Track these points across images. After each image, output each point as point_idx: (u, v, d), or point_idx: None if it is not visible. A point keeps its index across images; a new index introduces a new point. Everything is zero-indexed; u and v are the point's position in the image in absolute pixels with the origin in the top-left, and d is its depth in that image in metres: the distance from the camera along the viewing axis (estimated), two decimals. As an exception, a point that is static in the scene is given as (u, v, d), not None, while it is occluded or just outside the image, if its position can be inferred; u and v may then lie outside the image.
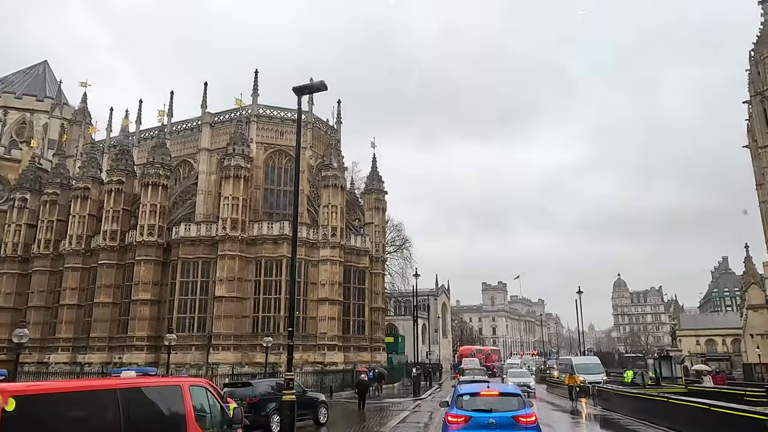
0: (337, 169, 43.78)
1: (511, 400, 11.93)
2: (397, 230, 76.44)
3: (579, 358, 36.16)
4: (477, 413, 11.45)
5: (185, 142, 49.36)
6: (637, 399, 18.25)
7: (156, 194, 42.68)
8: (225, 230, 40.26)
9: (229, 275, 39.69)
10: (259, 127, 46.67)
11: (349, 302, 43.76)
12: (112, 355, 41.72)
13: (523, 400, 12.03)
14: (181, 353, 39.29)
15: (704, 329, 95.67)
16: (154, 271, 41.85)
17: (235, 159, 41.47)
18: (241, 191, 41.12)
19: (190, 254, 41.35)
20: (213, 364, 38.07)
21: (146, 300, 41.05)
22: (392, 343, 64.00)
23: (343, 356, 41.25)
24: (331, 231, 42.64)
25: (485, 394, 12.13)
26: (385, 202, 50.42)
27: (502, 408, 11.62)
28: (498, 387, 13.36)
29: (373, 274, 47.75)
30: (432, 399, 34.48)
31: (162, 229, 42.69)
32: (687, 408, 16.01)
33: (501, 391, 12.56)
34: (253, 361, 38.90)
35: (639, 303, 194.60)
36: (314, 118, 48.63)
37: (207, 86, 48.94)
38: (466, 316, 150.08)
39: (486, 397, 12.02)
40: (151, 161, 43.41)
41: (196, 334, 39.83)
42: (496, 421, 11.19)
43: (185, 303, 40.56)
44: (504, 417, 11.28)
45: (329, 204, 43.21)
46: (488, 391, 12.34)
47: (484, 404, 11.81)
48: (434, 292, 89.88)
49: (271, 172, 46.70)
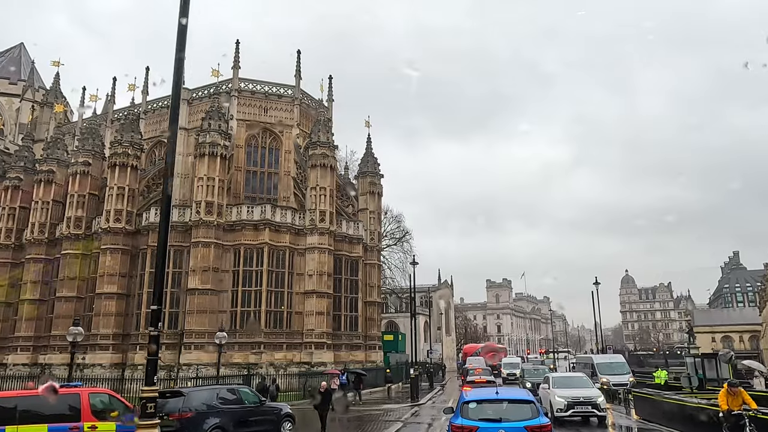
0: (326, 146, 39.23)
1: (524, 408, 10.68)
2: (396, 221, 72.09)
3: (601, 357, 31.58)
4: (485, 423, 10.29)
5: (161, 121, 44.94)
6: (702, 411, 13.56)
7: (124, 176, 38.24)
8: (199, 214, 35.76)
9: (204, 265, 35.20)
10: (240, 102, 42.16)
11: (339, 295, 39.27)
12: (76, 355, 37.22)
13: (536, 408, 10.77)
14: (150, 353, 34.79)
15: (720, 325, 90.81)
16: (122, 262, 37.41)
17: (210, 135, 36.96)
18: (218, 171, 36.61)
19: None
20: (184, 365, 33.63)
21: (112, 294, 36.65)
22: (392, 341, 59.50)
23: (333, 355, 36.74)
24: (320, 216, 38.12)
25: (494, 401, 10.99)
26: (381, 186, 45.92)
27: (512, 417, 10.41)
28: (507, 393, 11.93)
29: (367, 265, 43.24)
30: (433, 404, 29.96)
31: (131, 215, 38.26)
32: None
33: (511, 398, 11.28)
34: (230, 361, 34.40)
35: (647, 299, 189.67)
36: (302, 93, 44.10)
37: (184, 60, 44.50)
38: (470, 314, 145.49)
39: (495, 405, 10.87)
40: (119, 140, 38.98)
41: (167, 332, 35.24)
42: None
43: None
44: (515, 427, 10.14)
45: (317, 186, 38.69)
46: (497, 397, 11.09)
47: (493, 412, 10.60)
48: (437, 287, 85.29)
49: (253, 152, 42.16)
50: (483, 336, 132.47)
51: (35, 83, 60.23)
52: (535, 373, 32.49)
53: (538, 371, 32.93)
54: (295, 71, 43.93)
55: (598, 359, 30.68)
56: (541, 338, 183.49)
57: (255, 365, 34.36)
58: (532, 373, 33.84)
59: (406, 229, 71.92)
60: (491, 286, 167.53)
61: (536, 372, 33.09)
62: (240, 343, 34.99)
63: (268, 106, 42.76)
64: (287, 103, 43.16)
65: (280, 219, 37.47)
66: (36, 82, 61.29)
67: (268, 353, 35.07)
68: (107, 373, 34.19)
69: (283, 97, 43.24)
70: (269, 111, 42.68)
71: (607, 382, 28.28)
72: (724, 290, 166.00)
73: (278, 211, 37.66)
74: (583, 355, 38.67)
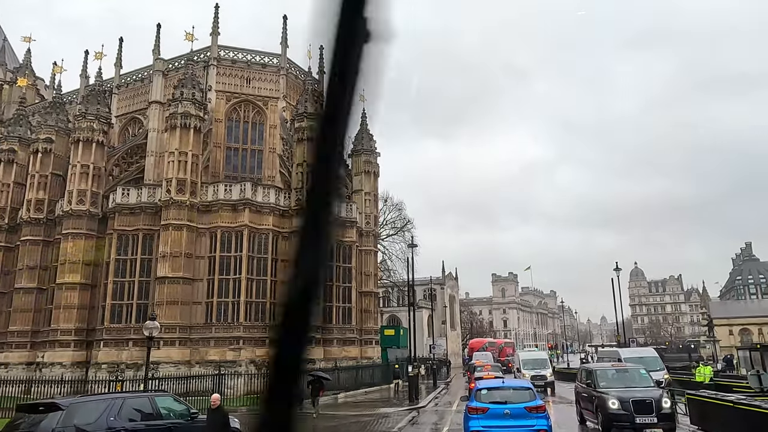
0: (314, 118, 34.89)
1: (524, 393, 13.32)
2: (397, 210, 67.90)
3: (630, 351, 27.22)
4: (494, 405, 12.75)
5: (135, 95, 40.91)
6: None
7: (89, 153, 34.16)
8: (169, 194, 31.66)
9: (175, 250, 31.12)
10: (220, 72, 38.05)
11: (331, 284, 35.07)
12: (35, 353, 33.34)
13: (534, 393, 13.39)
14: (116, 350, 30.91)
15: (737, 318, 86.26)
16: (86, 248, 33.35)
17: (183, 105, 32.83)
18: (191, 145, 32.49)
19: (129, 225, 32.82)
20: (152, 363, 29.51)
21: (74, 284, 32.62)
22: (392, 336, 55.28)
23: (322, 351, 32.65)
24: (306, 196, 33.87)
25: (501, 388, 13.71)
26: (377, 166, 41.69)
27: (515, 400, 12.94)
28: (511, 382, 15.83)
29: (363, 252, 39.08)
30: (436, 407, 25.86)
31: (97, 197, 34.20)
32: None
33: (514, 386, 14.23)
34: (205, 359, 30.40)
35: (657, 292, 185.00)
36: (288, 63, 39.92)
37: (160, 28, 40.46)
38: (476, 309, 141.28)
39: (502, 391, 13.55)
40: (84, 113, 34.90)
41: (134, 326, 31.28)
42: (511, 411, 12.46)
43: (122, 287, 32.07)
44: (517, 408, 12.59)
45: (304, 162, 34.44)
46: (503, 386, 14.02)
47: (500, 397, 13.19)
48: (441, 280, 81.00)
49: (234, 127, 38.07)
50: (489, 331, 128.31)
51: (8, 63, 56.15)
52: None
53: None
54: (281, 38, 39.83)
55: (626, 353, 26.42)
56: (548, 333, 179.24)
57: (234, 363, 30.32)
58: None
59: (407, 218, 67.65)
60: (497, 280, 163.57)
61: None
62: (216, 338, 30.96)
63: (251, 76, 38.63)
64: (272, 73, 39.02)
65: (262, 199, 33.36)
66: (11, 62, 57.23)
67: (248, 349, 31.00)
68: (68, 373, 30.23)
69: (268, 66, 39.09)
70: (252, 82, 38.56)
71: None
72: (737, 282, 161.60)
73: (260, 190, 33.55)
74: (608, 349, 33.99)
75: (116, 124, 41.04)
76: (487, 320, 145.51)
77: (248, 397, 26.03)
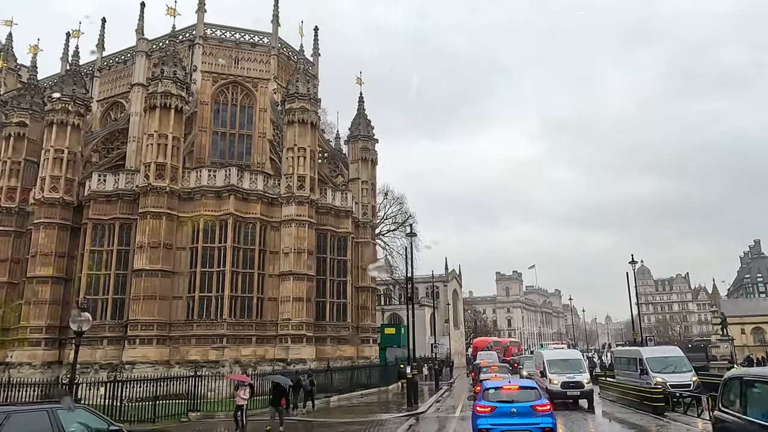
0: (305, 99, 32.42)
1: (529, 392, 13.52)
2: (398, 203, 65.11)
3: (651, 350, 24.56)
4: (501, 404, 12.96)
5: (117, 78, 38.52)
6: None
7: (63, 136, 31.66)
8: (148, 179, 29.12)
9: (153, 240, 28.56)
10: (206, 52, 35.58)
11: (324, 278, 32.52)
12: (5, 351, 30.85)
13: (539, 392, 13.66)
14: (89, 348, 28.25)
15: (750, 316, 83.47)
16: (59, 239, 30.85)
17: (163, 84, 30.29)
18: (172, 127, 29.92)
19: (105, 214, 30.31)
20: (127, 363, 27.04)
21: (46, 277, 30.10)
22: (393, 335, 52.60)
23: (314, 351, 30.07)
24: (298, 182, 31.37)
25: (507, 388, 13.82)
26: (375, 153, 39.04)
27: (521, 399, 13.15)
28: (518, 382, 15.89)
29: (359, 244, 36.48)
30: (437, 413, 23.24)
31: (72, 184, 31.71)
32: None
33: (520, 385, 14.40)
34: (186, 358, 27.83)
35: (664, 291, 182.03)
36: (280, 43, 37.37)
37: (144, 7, 37.99)
38: (480, 308, 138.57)
39: (508, 391, 13.63)
40: (59, 93, 32.41)
41: (109, 323, 28.83)
42: (517, 410, 12.66)
43: (97, 280, 29.56)
44: (523, 406, 12.79)
45: (295, 146, 31.91)
46: (509, 385, 14.16)
47: (506, 396, 13.34)
48: (444, 277, 78.31)
49: (222, 110, 35.58)
50: (493, 330, 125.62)
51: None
52: None
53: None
54: (273, 16, 37.31)
55: (647, 352, 23.77)
56: (553, 332, 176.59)
57: (216, 363, 27.77)
58: None
59: (409, 212, 64.90)
60: (501, 278, 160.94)
61: None
62: (198, 336, 28.39)
63: (239, 56, 36.15)
64: (263, 53, 36.49)
65: (249, 185, 30.80)
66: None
67: (232, 348, 28.43)
68: (38, 374, 27.74)
69: (258, 46, 36.56)
70: (241, 62, 36.08)
71: (663, 383, 21.52)
72: (745, 280, 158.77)
73: (246, 176, 30.99)
74: (626, 348, 30.85)
75: (98, 108, 38.67)
76: (491, 319, 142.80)
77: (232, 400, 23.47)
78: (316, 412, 23.01)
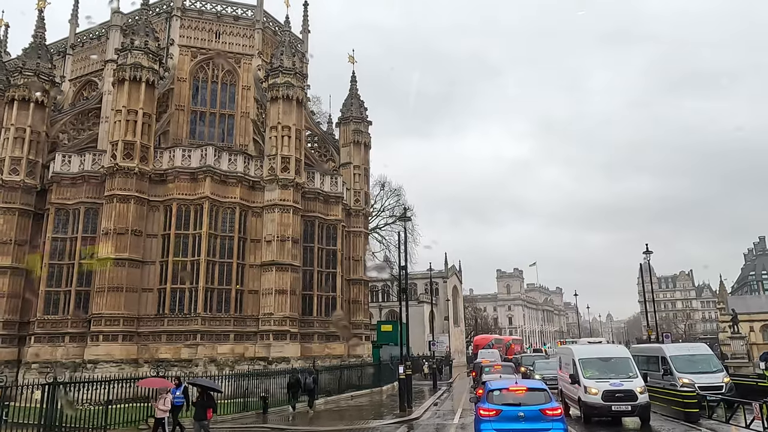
0: (290, 73, 29.64)
1: (538, 394, 12.28)
2: (395, 195, 62.34)
3: (675, 347, 21.69)
4: (507, 407, 11.89)
5: (90, 56, 35.69)
6: None
7: (25, 114, 28.89)
8: (115, 159, 26.35)
9: (120, 226, 25.80)
10: (184, 24, 32.80)
11: (311, 270, 29.77)
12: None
13: (548, 394, 12.33)
14: (50, 346, 25.68)
15: (758, 313, 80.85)
16: (19, 226, 28.08)
17: (133, 55, 27.54)
18: (142, 102, 27.14)
19: (70, 198, 27.59)
20: (89, 362, 24.28)
21: (5, 268, 27.34)
22: (390, 332, 49.73)
23: (299, 348, 27.32)
24: (282, 163, 28.62)
25: (514, 389, 12.51)
26: (368, 136, 36.26)
27: (529, 402, 11.97)
28: (525, 383, 14.12)
29: (351, 233, 33.72)
30: (434, 418, 20.47)
31: (35, 166, 28.94)
32: None
33: (529, 387, 12.94)
34: (155, 357, 25.09)
35: (668, 288, 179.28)
36: (266, 17, 34.59)
37: (120, -22, 35.11)
38: (480, 305, 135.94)
39: (515, 393, 12.33)
40: (21, 68, 29.66)
41: (72, 318, 26.09)
42: (525, 414, 11.61)
43: (59, 271, 26.83)
44: (532, 410, 11.69)
45: (279, 124, 29.15)
46: (516, 386, 12.77)
47: (513, 399, 12.13)
48: (443, 273, 75.53)
49: (201, 87, 32.81)
50: (494, 328, 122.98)
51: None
52: None
53: None
54: (256, -14, 34.51)
55: (671, 350, 20.96)
56: (554, 330, 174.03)
57: (189, 362, 25.05)
58: None
59: (407, 205, 62.09)
60: (502, 276, 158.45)
61: None
62: (169, 332, 25.65)
63: (220, 29, 33.37)
64: (246, 26, 33.72)
65: (228, 167, 28.04)
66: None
67: (207, 345, 25.69)
68: (-7, 374, 24.99)
69: (241, 19, 33.79)
70: (223, 36, 33.31)
71: (690, 384, 18.77)
72: (750, 277, 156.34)
73: (225, 156, 28.23)
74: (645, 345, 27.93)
75: (70, 88, 36.01)
76: (492, 317, 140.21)
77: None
78: (295, 416, 20.28)
